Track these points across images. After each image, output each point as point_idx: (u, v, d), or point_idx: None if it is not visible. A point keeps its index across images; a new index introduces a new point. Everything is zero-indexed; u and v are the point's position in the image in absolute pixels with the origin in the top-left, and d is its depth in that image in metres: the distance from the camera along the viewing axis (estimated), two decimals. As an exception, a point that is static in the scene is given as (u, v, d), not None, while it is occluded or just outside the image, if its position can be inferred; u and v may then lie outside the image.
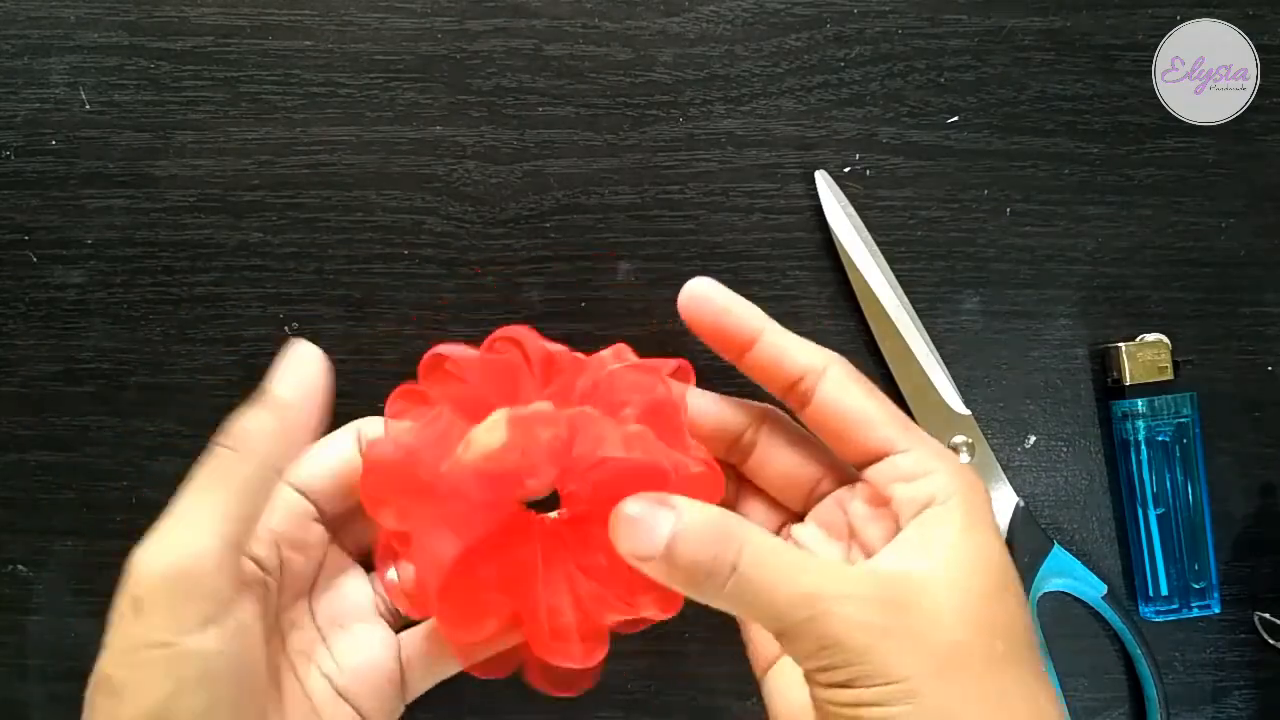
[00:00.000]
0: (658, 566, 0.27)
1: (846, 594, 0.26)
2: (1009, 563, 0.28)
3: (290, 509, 0.32)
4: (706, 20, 0.41)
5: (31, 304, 0.42)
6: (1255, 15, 0.42)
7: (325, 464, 0.33)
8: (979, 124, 0.42)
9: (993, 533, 0.29)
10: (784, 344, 0.31)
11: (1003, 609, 0.27)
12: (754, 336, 0.31)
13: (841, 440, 0.31)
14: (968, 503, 0.28)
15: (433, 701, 0.42)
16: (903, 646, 0.25)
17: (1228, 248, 0.42)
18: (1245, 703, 0.42)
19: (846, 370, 0.31)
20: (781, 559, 0.27)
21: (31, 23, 0.41)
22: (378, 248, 0.41)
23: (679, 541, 0.27)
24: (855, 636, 0.25)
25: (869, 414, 0.30)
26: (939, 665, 0.25)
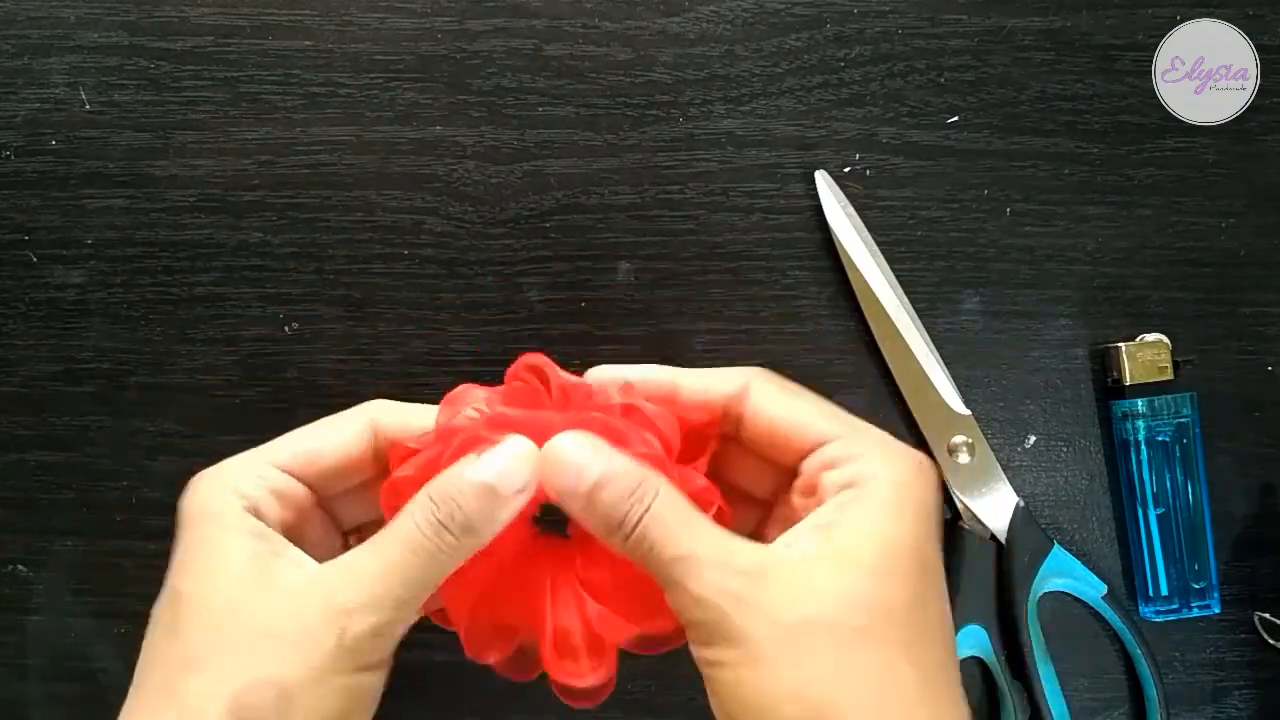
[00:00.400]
0: (577, 504, 0.29)
1: (717, 561, 0.28)
2: (919, 542, 0.28)
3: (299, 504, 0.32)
4: (706, 20, 0.41)
5: (31, 304, 0.42)
6: (1255, 15, 0.42)
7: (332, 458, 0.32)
8: (979, 124, 0.42)
9: (908, 513, 0.28)
10: (700, 382, 0.32)
11: (883, 587, 0.27)
12: (672, 390, 0.32)
13: (778, 449, 0.31)
14: (887, 483, 0.29)
15: (433, 701, 0.42)
16: (753, 614, 0.27)
17: (1228, 248, 0.42)
18: (1245, 703, 0.42)
19: (768, 380, 0.31)
20: (676, 523, 0.28)
21: (31, 23, 0.41)
22: (378, 248, 0.41)
23: (599, 488, 0.29)
24: (714, 600, 0.27)
25: (796, 415, 0.31)
26: (786, 635, 0.26)
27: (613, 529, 0.29)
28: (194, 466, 0.31)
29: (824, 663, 0.26)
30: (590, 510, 0.29)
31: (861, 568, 0.27)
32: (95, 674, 0.42)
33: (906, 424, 0.42)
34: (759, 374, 0.32)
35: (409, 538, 0.29)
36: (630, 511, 0.28)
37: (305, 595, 0.29)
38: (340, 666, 0.28)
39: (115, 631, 0.42)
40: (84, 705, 0.41)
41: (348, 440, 0.32)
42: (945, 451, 0.41)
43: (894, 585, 0.27)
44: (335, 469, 0.32)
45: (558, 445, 0.29)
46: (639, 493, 0.29)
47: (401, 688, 0.42)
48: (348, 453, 0.32)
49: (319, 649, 0.28)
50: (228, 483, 0.31)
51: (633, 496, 0.29)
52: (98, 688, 0.41)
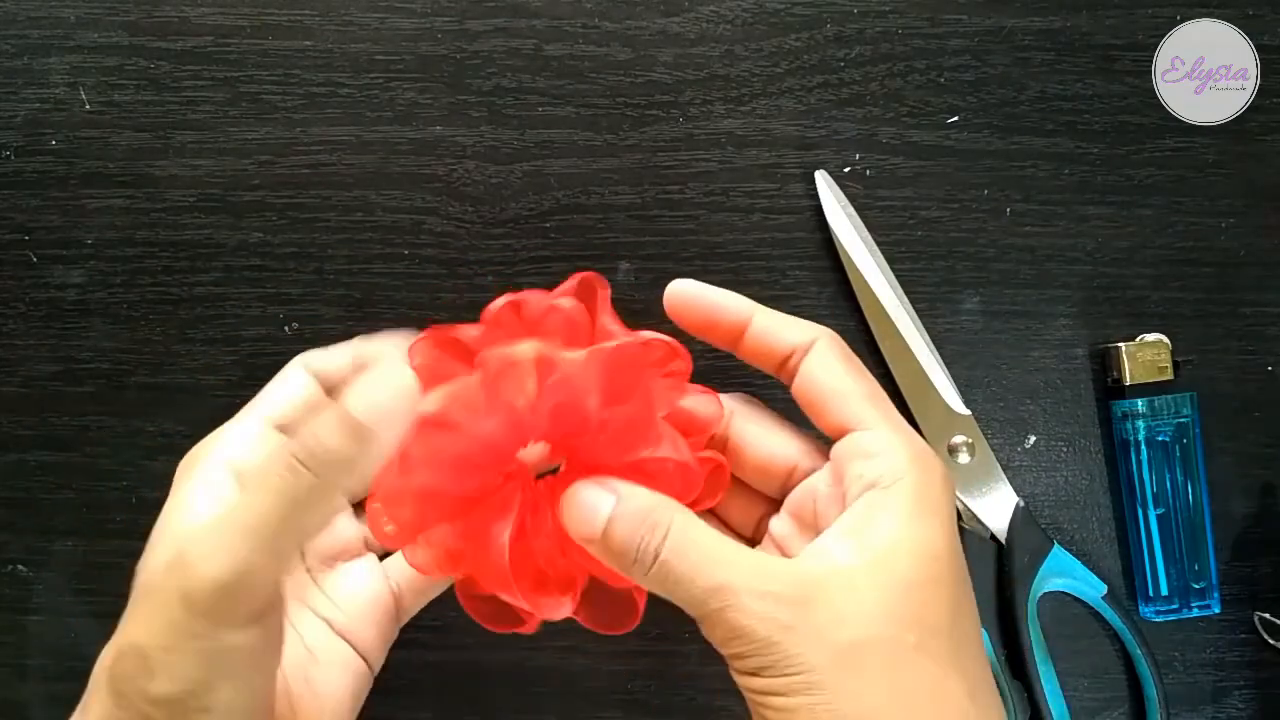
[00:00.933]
0: (597, 547, 0.29)
1: (756, 589, 0.27)
2: (949, 551, 0.28)
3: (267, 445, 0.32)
4: (706, 20, 0.41)
5: (31, 304, 0.42)
6: (1255, 15, 0.42)
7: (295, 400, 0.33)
8: (979, 124, 0.42)
9: (936, 520, 0.28)
10: (774, 324, 0.32)
11: (926, 601, 0.27)
12: (745, 323, 0.32)
13: (816, 414, 0.31)
14: (914, 487, 0.28)
15: (433, 701, 0.42)
16: (805, 641, 0.26)
17: (1228, 248, 0.42)
18: (1245, 703, 0.42)
19: (832, 345, 0.31)
20: (702, 549, 0.28)
21: (31, 23, 0.41)
22: (378, 248, 0.41)
23: (612, 526, 0.28)
24: (760, 630, 0.26)
25: (844, 389, 0.30)
26: (839, 660, 0.26)
27: (629, 564, 0.28)
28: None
29: (879, 684, 0.26)
30: (609, 553, 0.29)
31: (903, 582, 0.27)
32: (95, 674, 0.42)
33: (906, 424, 0.42)
34: (828, 336, 0.31)
35: (262, 478, 0.26)
36: (644, 543, 0.28)
37: (166, 550, 0.28)
38: (193, 628, 0.25)
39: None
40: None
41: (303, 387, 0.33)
42: (945, 451, 0.41)
43: (937, 599, 0.27)
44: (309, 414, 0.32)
45: (574, 491, 0.29)
46: (649, 522, 0.28)
47: (401, 688, 0.42)
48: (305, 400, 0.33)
49: (166, 609, 0.25)
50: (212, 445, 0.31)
51: (643, 527, 0.28)
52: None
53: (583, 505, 0.29)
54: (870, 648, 0.26)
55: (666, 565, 0.28)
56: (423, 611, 0.40)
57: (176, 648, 0.25)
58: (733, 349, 0.33)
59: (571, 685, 0.42)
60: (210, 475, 0.31)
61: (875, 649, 0.26)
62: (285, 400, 0.33)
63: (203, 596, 0.25)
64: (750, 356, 0.32)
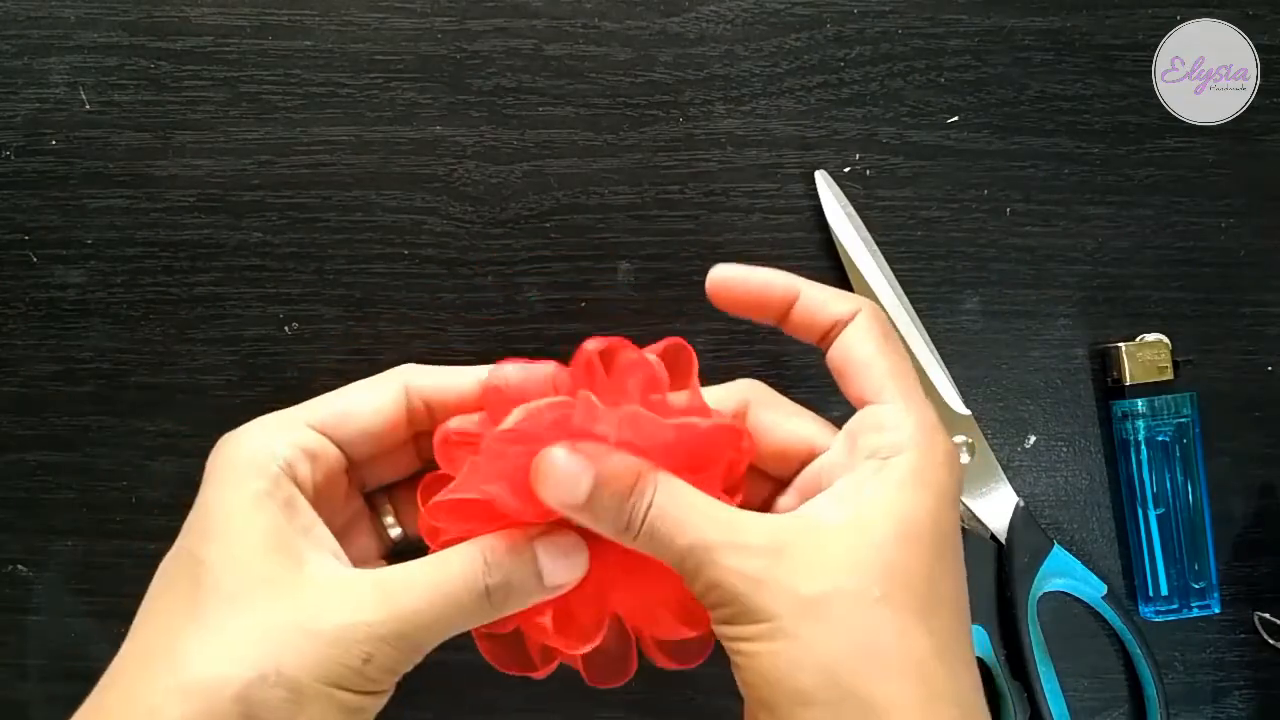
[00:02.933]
0: (582, 516, 0.29)
1: (731, 543, 0.28)
2: (932, 519, 0.28)
3: (329, 466, 0.32)
4: (706, 20, 0.41)
5: (31, 304, 0.42)
6: (1255, 15, 0.42)
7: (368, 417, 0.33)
8: (979, 124, 0.42)
9: (927, 492, 0.29)
10: (820, 297, 0.32)
11: (896, 558, 0.28)
12: (793, 298, 0.32)
13: (844, 383, 0.32)
14: (912, 461, 0.29)
15: (433, 701, 0.42)
16: (771, 591, 0.27)
17: (1228, 248, 0.42)
18: (1245, 703, 0.42)
19: (873, 318, 0.32)
20: (683, 509, 0.29)
21: (31, 23, 0.41)
22: (378, 248, 0.41)
23: (600, 492, 0.29)
24: (732, 582, 0.27)
25: (871, 361, 0.31)
26: (802, 609, 0.27)
27: (620, 530, 0.29)
28: (194, 467, 0.31)
29: (843, 632, 0.27)
30: (596, 518, 0.29)
31: (877, 539, 0.28)
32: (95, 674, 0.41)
33: (906, 424, 0.42)
34: (870, 308, 0.32)
35: (451, 588, 0.29)
36: (635, 509, 0.29)
37: (337, 600, 0.28)
38: (355, 685, 0.28)
39: (115, 631, 0.41)
40: (84, 705, 0.41)
41: (382, 401, 0.33)
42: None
43: (909, 557, 0.28)
44: (369, 430, 0.32)
45: (549, 458, 0.29)
46: (638, 488, 0.29)
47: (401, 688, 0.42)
48: (382, 414, 0.33)
49: (341, 664, 0.27)
50: (259, 443, 0.31)
51: (633, 494, 0.29)
52: (98, 688, 0.41)
53: (562, 472, 0.29)
54: (834, 598, 0.27)
55: (651, 526, 0.29)
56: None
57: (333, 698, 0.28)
58: (779, 324, 0.33)
59: (572, 685, 0.42)
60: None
61: (838, 599, 0.27)
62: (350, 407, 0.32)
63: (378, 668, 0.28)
64: (796, 330, 0.33)
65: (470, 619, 0.30)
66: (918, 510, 0.28)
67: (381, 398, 0.33)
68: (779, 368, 0.41)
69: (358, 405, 0.32)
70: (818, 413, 0.38)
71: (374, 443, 0.33)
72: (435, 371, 0.33)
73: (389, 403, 0.33)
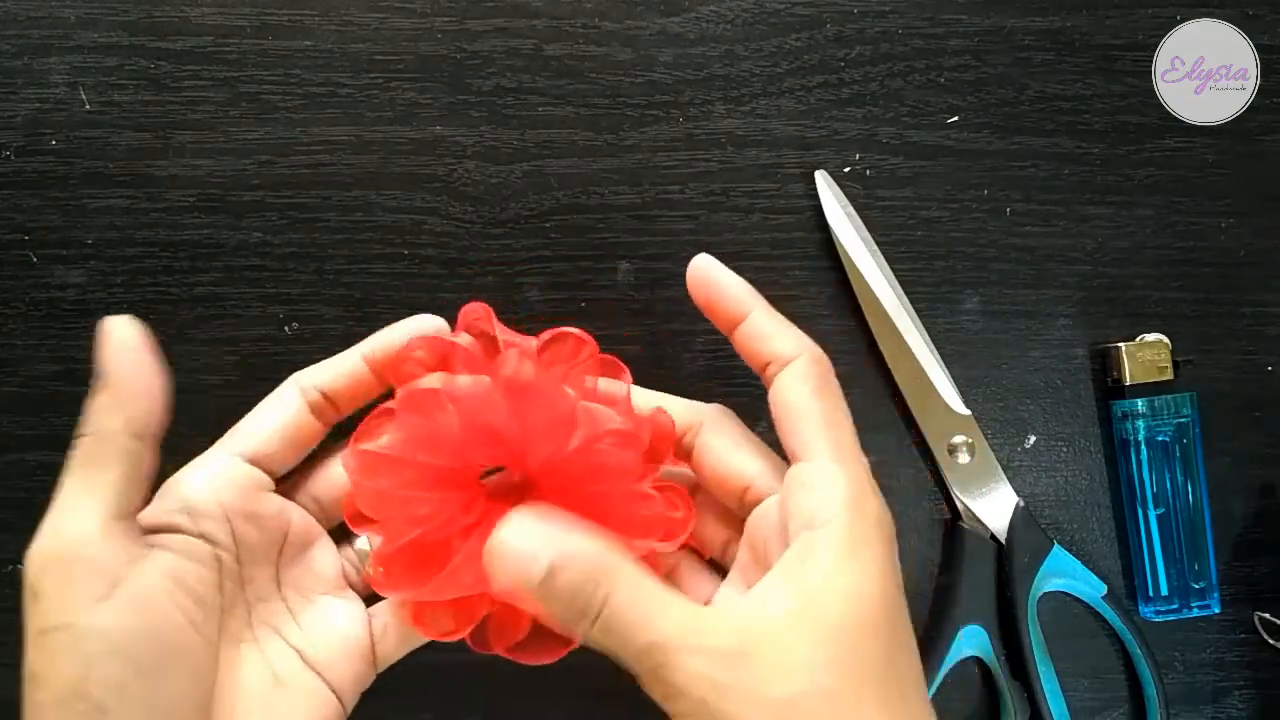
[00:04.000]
0: (533, 596, 0.27)
1: (693, 645, 0.26)
2: (880, 593, 0.28)
3: (238, 481, 0.32)
4: (706, 20, 0.41)
5: (31, 304, 0.42)
6: (1255, 15, 0.42)
7: (269, 427, 0.33)
8: (979, 124, 0.42)
9: (868, 562, 0.28)
10: (765, 329, 0.32)
11: (856, 646, 0.27)
12: (742, 316, 0.32)
13: (779, 431, 0.31)
14: (845, 528, 0.28)
15: (434, 701, 0.42)
16: (739, 699, 0.26)
17: (1228, 248, 0.42)
18: (1245, 703, 0.42)
19: (810, 365, 0.31)
20: (642, 605, 0.27)
21: (31, 23, 0.41)
22: (378, 248, 0.41)
23: (554, 578, 0.27)
24: (695, 689, 0.26)
25: (804, 412, 0.30)
26: (775, 713, 0.26)
27: (574, 618, 0.27)
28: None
29: None
30: (549, 601, 0.27)
31: (833, 628, 0.27)
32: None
33: (906, 424, 0.42)
34: (809, 355, 0.31)
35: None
36: (592, 598, 0.27)
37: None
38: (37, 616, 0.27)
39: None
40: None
41: (287, 410, 0.33)
42: (945, 451, 0.41)
43: (865, 642, 0.27)
44: (289, 440, 0.33)
45: (501, 536, 0.28)
46: (597, 574, 0.27)
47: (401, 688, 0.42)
48: (291, 422, 0.33)
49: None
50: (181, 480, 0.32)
51: (590, 580, 0.27)
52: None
53: (515, 552, 0.27)
54: (800, 701, 0.26)
55: (606, 622, 0.27)
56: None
57: (45, 649, 0.26)
58: (730, 338, 0.33)
59: (572, 685, 0.42)
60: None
61: (805, 701, 0.26)
62: (266, 429, 0.33)
63: (41, 583, 0.27)
64: (740, 352, 0.32)
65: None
66: (864, 586, 0.27)
67: (286, 407, 0.34)
68: (779, 368, 0.41)
69: (267, 424, 0.33)
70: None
71: (295, 452, 0.34)
72: (320, 365, 0.34)
73: (293, 409, 0.34)
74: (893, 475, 0.42)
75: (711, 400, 0.41)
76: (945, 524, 0.42)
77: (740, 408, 0.41)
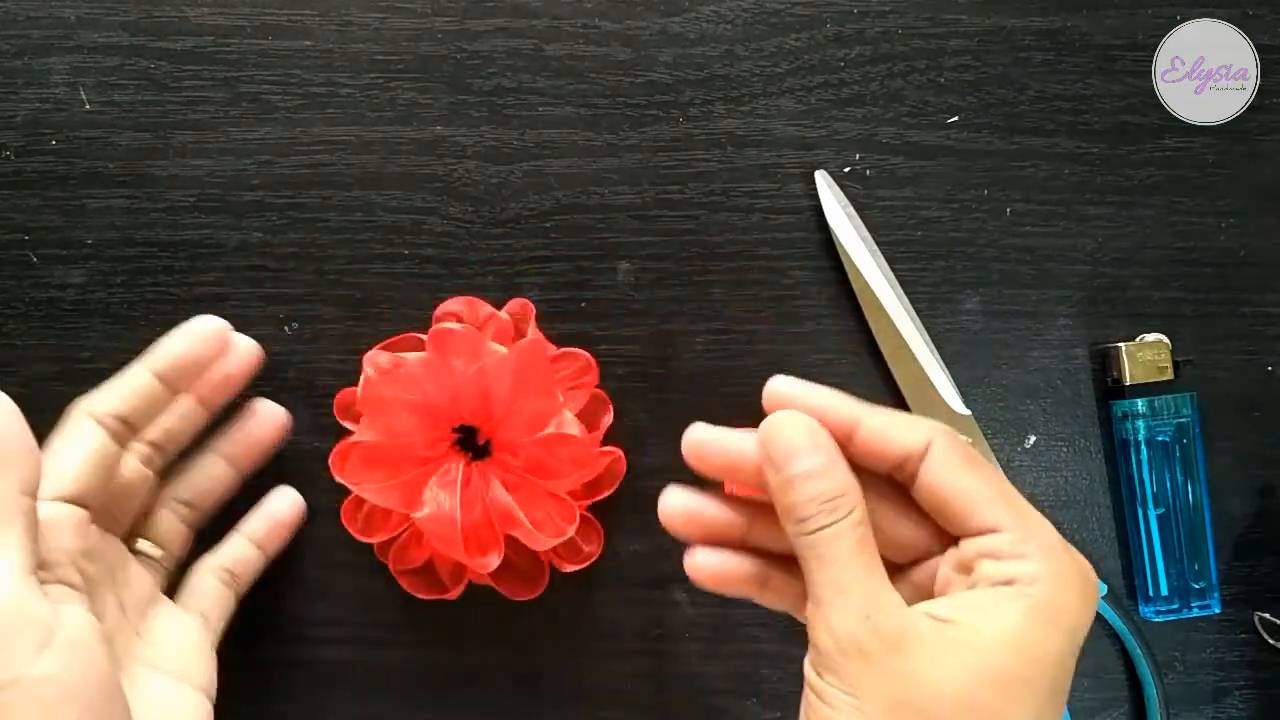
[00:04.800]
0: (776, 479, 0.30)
1: (864, 610, 0.28)
2: (1060, 662, 0.27)
3: (67, 523, 0.32)
4: (706, 20, 0.41)
5: (31, 304, 0.42)
6: (1255, 15, 0.42)
7: (74, 463, 0.33)
8: (979, 124, 0.42)
9: (1058, 630, 0.27)
10: (885, 427, 0.30)
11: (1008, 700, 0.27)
12: (853, 426, 0.30)
13: (944, 519, 0.30)
14: (1045, 594, 0.27)
15: (434, 701, 0.42)
16: (870, 680, 0.27)
17: (1228, 248, 0.42)
18: (1245, 703, 0.42)
19: (951, 446, 0.30)
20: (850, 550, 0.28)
21: (31, 23, 0.41)
22: (378, 248, 0.41)
23: (805, 481, 0.29)
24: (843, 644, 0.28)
25: (972, 493, 0.29)
26: (888, 711, 0.27)
27: (791, 519, 0.29)
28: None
29: None
30: (783, 492, 0.29)
31: (993, 674, 0.27)
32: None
33: (906, 424, 0.42)
34: (944, 436, 0.30)
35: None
36: (816, 516, 0.28)
37: None
38: None
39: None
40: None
41: (86, 444, 0.34)
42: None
43: (1020, 702, 0.27)
44: (92, 474, 0.33)
45: (781, 419, 0.30)
46: (835, 504, 0.29)
47: (401, 688, 0.42)
48: (93, 455, 0.34)
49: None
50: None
51: (828, 504, 0.29)
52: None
53: (789, 442, 0.29)
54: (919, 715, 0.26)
55: (819, 541, 0.28)
56: (423, 612, 0.40)
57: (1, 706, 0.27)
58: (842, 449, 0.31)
59: (572, 685, 0.42)
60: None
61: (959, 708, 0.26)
62: (72, 466, 0.33)
63: None
64: (860, 459, 0.31)
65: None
66: (1046, 649, 0.27)
67: (85, 440, 0.34)
68: (779, 368, 0.41)
69: (71, 461, 0.33)
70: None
71: (106, 479, 0.34)
72: (107, 389, 0.35)
73: (93, 441, 0.34)
74: (893, 475, 0.42)
75: (710, 400, 0.41)
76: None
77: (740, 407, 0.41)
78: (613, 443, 0.40)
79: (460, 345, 0.37)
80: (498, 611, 0.40)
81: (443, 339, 0.37)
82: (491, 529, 0.38)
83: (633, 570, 0.41)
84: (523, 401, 0.37)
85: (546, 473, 0.38)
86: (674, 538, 0.32)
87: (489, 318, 0.39)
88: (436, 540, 0.37)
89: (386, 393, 0.37)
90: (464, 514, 0.37)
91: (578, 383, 0.40)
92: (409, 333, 0.40)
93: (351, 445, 0.38)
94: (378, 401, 0.37)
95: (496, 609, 0.40)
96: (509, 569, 0.39)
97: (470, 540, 0.37)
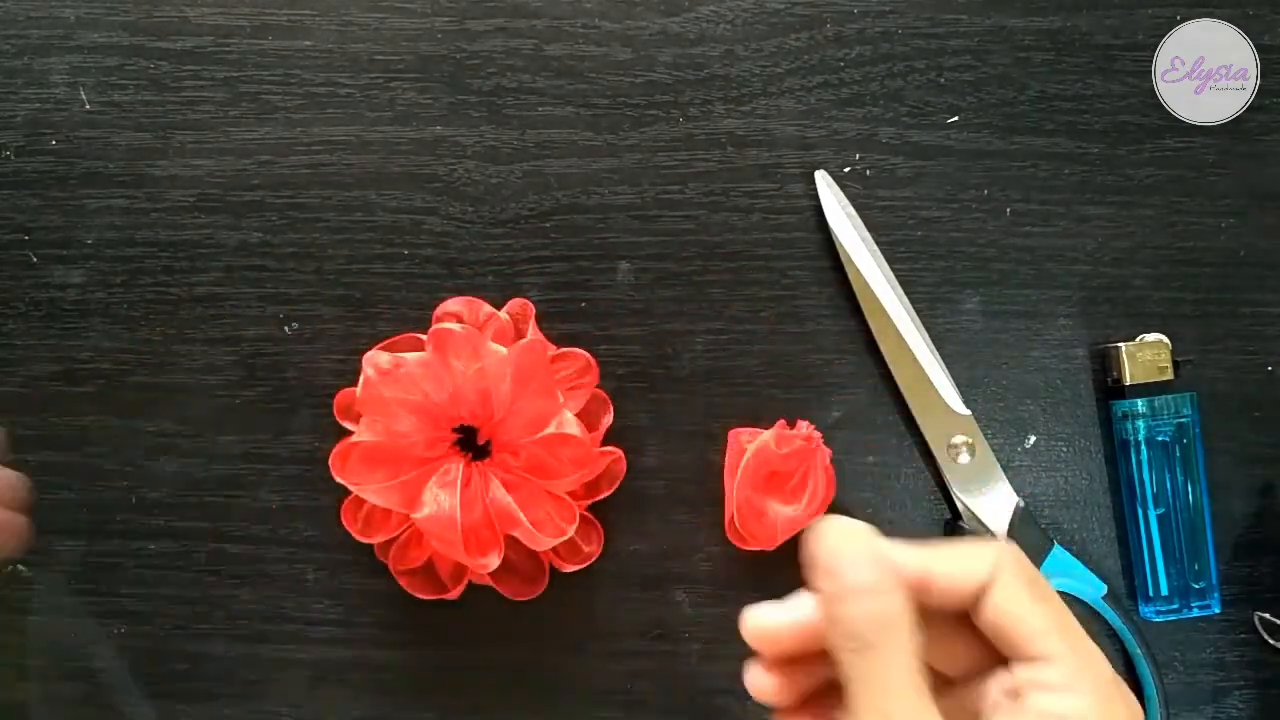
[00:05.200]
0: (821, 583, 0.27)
1: None
2: None
3: None
4: (706, 20, 0.41)
5: (31, 304, 0.42)
6: (1255, 15, 0.42)
7: None
8: (979, 124, 0.42)
9: None
10: (951, 572, 0.29)
11: None
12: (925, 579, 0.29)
13: (1002, 644, 0.29)
14: None
15: (434, 701, 0.42)
16: None
17: (1228, 248, 0.42)
18: (1245, 703, 0.42)
19: (1018, 573, 0.29)
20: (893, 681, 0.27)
21: (31, 23, 0.41)
22: (378, 248, 0.41)
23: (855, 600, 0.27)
24: None
25: (1028, 617, 0.29)
26: None
27: (840, 633, 0.27)
28: (194, 467, 0.31)
29: None
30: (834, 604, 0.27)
31: None
32: (95, 674, 0.42)
33: (906, 424, 0.42)
34: (1009, 561, 0.29)
35: None
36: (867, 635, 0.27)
37: None
38: None
39: (115, 631, 0.42)
40: (84, 705, 0.41)
41: None
42: (945, 451, 0.41)
43: None
44: None
45: (841, 526, 0.28)
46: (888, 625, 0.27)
47: (401, 688, 0.42)
48: None
49: None
50: None
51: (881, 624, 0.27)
52: (98, 688, 0.41)
53: (839, 553, 0.27)
54: None
55: (863, 667, 0.27)
56: (423, 612, 0.40)
57: None
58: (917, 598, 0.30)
59: (571, 685, 0.42)
60: None
61: None
62: None
63: None
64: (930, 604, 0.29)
65: None
66: None
67: None
68: (779, 368, 0.42)
69: None
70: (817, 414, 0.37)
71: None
72: None
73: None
74: (893, 475, 0.42)
75: (709, 400, 0.41)
76: (945, 524, 0.42)
77: (740, 407, 0.41)
78: (613, 443, 0.40)
79: (460, 345, 0.37)
80: (498, 611, 0.40)
81: (442, 339, 0.37)
82: (491, 529, 0.38)
83: (633, 570, 0.41)
84: (523, 401, 0.37)
85: (546, 473, 0.38)
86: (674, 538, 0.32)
87: (489, 318, 0.40)
88: (436, 540, 0.38)
89: (386, 393, 0.37)
90: (464, 514, 0.37)
91: (578, 383, 0.40)
92: (409, 333, 0.40)
93: (351, 445, 0.38)
94: (377, 402, 0.38)
95: (496, 609, 0.40)
96: (509, 569, 0.39)
97: (470, 540, 0.37)
